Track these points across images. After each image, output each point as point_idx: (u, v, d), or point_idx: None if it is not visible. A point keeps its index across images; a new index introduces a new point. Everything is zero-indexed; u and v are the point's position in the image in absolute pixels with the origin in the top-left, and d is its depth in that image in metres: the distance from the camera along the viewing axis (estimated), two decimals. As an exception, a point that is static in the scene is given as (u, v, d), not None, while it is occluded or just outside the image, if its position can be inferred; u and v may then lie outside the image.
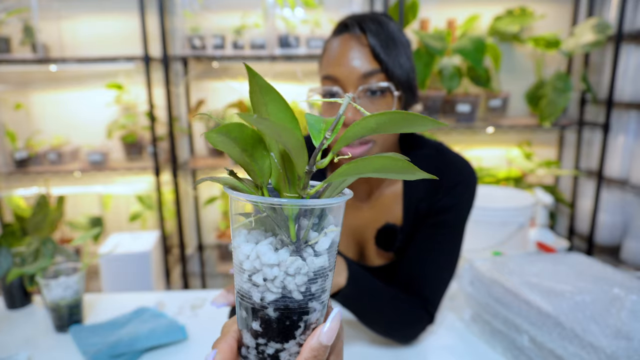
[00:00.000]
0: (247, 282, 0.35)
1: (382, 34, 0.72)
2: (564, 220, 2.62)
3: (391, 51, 0.72)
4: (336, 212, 0.37)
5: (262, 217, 0.36)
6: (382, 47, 0.71)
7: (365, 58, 0.72)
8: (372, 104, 0.73)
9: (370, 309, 0.75)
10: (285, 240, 0.35)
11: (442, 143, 0.88)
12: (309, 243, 0.35)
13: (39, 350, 0.84)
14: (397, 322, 0.79)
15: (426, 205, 0.83)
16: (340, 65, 0.72)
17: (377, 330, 0.80)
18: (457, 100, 2.19)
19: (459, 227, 0.83)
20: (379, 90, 0.72)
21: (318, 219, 0.36)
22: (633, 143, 2.24)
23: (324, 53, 0.77)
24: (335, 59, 0.73)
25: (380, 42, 0.71)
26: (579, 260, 0.92)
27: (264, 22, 2.15)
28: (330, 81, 0.73)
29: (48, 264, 0.91)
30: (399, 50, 0.73)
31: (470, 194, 0.83)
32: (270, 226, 0.36)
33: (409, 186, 0.85)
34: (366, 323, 0.79)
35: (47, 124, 2.36)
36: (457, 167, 0.84)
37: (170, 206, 2.38)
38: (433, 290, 0.82)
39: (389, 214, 0.87)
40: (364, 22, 0.73)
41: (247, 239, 0.36)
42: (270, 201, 0.34)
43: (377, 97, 0.73)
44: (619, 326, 0.68)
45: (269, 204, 0.34)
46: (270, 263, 0.34)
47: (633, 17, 2.12)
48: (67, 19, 2.26)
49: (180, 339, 0.87)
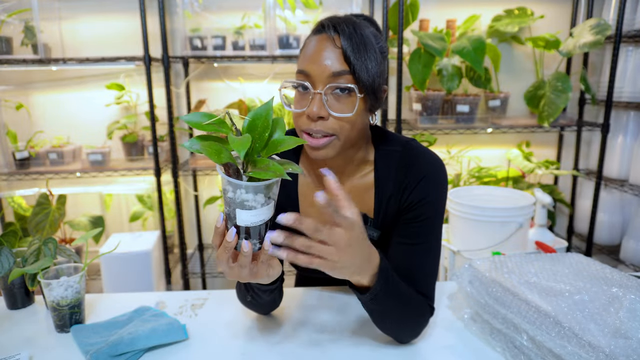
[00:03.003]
0: (226, 207, 0.65)
1: (354, 38, 0.76)
2: (563, 220, 2.63)
3: (361, 55, 0.76)
4: (249, 189, 0.62)
5: (231, 181, 0.62)
6: (353, 50, 0.76)
7: (336, 59, 0.76)
8: (337, 102, 0.78)
9: (394, 308, 0.77)
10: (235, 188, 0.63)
11: (413, 139, 0.92)
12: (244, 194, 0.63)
13: (40, 350, 0.85)
14: (412, 321, 0.81)
15: (395, 201, 0.88)
16: (313, 62, 0.77)
17: (391, 328, 0.82)
18: (456, 101, 2.19)
19: (435, 219, 0.86)
20: (344, 89, 0.77)
21: (257, 189, 0.62)
22: (632, 143, 2.24)
23: (302, 49, 0.82)
24: (310, 56, 0.78)
25: (351, 46, 0.76)
26: (578, 259, 0.93)
27: (264, 22, 2.16)
28: (303, 76, 0.79)
29: (49, 264, 0.91)
30: (368, 55, 0.77)
31: (436, 187, 0.86)
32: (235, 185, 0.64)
33: (379, 180, 0.90)
34: (383, 322, 0.81)
35: (48, 124, 2.36)
36: (422, 163, 0.87)
37: (170, 206, 2.38)
38: (426, 284, 0.85)
39: (361, 205, 0.91)
40: (340, 25, 0.77)
41: (227, 190, 0.63)
42: (226, 178, 0.62)
43: (343, 96, 0.78)
44: (617, 325, 0.69)
45: (227, 180, 0.62)
46: (230, 196, 0.64)
47: (632, 18, 2.12)
48: (68, 20, 2.26)
49: (181, 339, 0.87)
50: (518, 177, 2.37)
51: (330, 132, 0.78)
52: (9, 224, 2.28)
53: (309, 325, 0.93)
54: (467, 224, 1.68)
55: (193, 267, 2.45)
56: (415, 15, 2.17)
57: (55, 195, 2.10)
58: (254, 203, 0.63)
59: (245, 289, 0.85)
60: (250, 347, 0.85)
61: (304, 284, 1.17)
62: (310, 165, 0.94)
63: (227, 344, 0.87)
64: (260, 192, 0.62)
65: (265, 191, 0.63)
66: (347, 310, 0.98)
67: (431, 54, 2.03)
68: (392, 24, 2.11)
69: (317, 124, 0.77)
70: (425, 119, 2.19)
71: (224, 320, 0.95)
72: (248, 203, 0.62)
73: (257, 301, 0.86)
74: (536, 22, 2.30)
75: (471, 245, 1.69)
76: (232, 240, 0.65)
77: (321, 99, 0.76)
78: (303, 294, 1.06)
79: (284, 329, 0.92)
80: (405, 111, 2.39)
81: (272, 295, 0.85)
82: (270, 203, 0.65)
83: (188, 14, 2.19)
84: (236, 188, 0.62)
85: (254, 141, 0.64)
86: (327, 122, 0.77)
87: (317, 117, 0.77)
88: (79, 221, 2.22)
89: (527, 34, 2.32)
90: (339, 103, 0.78)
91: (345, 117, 0.77)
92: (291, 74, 2.37)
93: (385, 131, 0.94)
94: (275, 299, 0.89)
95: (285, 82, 0.83)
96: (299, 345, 0.86)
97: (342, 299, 1.03)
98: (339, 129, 0.78)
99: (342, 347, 0.85)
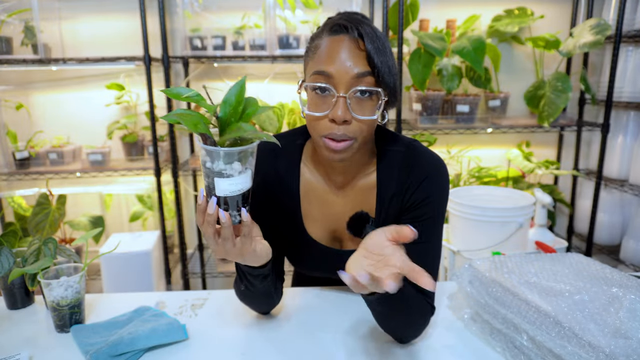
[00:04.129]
0: (206, 179, 0.69)
1: (376, 40, 0.76)
2: (563, 220, 2.63)
3: (383, 57, 0.76)
4: (226, 157, 0.66)
5: (207, 149, 0.67)
6: (376, 52, 0.75)
7: (360, 60, 0.76)
8: (360, 105, 0.77)
9: (398, 309, 0.77)
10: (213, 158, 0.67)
11: (415, 140, 0.92)
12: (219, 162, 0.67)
13: (40, 350, 0.85)
14: (415, 321, 0.81)
15: (398, 201, 0.89)
16: (335, 63, 0.76)
17: (395, 328, 0.82)
18: (456, 101, 2.19)
19: (437, 219, 0.87)
20: (369, 92, 0.77)
21: (230, 156, 0.67)
22: (632, 143, 2.24)
23: (317, 50, 0.79)
24: (331, 57, 0.76)
25: (374, 47, 0.76)
26: (578, 259, 0.93)
27: (264, 22, 2.16)
28: (323, 77, 0.77)
29: (49, 264, 0.91)
30: (388, 56, 0.77)
31: (438, 187, 0.87)
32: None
33: (382, 179, 0.90)
34: (387, 322, 0.80)
35: (48, 124, 2.36)
36: (424, 163, 0.88)
37: (170, 206, 2.38)
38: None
39: (363, 204, 0.92)
40: (361, 26, 0.77)
41: (206, 161, 0.67)
42: (204, 147, 0.67)
43: (365, 99, 0.77)
44: (617, 325, 0.69)
45: (205, 149, 0.67)
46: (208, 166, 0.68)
47: (632, 18, 2.12)
48: (68, 20, 2.26)
49: (181, 339, 0.87)
50: (518, 177, 2.37)
51: (352, 135, 0.77)
52: (9, 224, 2.28)
53: (309, 324, 0.93)
54: (467, 224, 1.68)
55: (193, 267, 2.45)
56: (415, 15, 2.17)
57: (55, 195, 2.10)
58: (232, 171, 0.67)
59: (238, 277, 0.86)
60: (250, 347, 0.85)
61: (300, 284, 1.17)
62: (313, 164, 0.94)
63: (227, 344, 0.87)
64: (235, 159, 0.67)
65: (241, 159, 0.67)
66: (347, 310, 0.98)
67: (431, 54, 2.03)
68: (392, 24, 2.11)
69: (340, 128, 0.77)
70: (425, 119, 2.19)
71: (224, 320, 0.95)
72: (225, 171, 0.67)
73: (251, 291, 0.86)
74: (536, 22, 2.30)
75: (471, 245, 1.69)
76: (213, 211, 0.67)
77: (345, 102, 0.76)
78: (303, 293, 1.06)
79: (284, 328, 0.92)
80: (405, 111, 2.39)
81: (264, 282, 0.84)
82: (248, 172, 0.69)
83: (188, 14, 2.19)
84: (214, 158, 0.66)
85: (229, 114, 0.69)
86: (349, 126, 0.77)
87: (342, 121, 0.76)
88: (79, 221, 2.22)
89: (527, 34, 2.32)
90: (361, 106, 0.77)
91: (368, 119, 0.77)
92: (291, 73, 2.37)
93: (388, 131, 0.94)
94: (270, 291, 0.88)
95: (306, 83, 0.80)
96: (299, 345, 0.86)
97: (341, 298, 1.03)
98: (359, 132, 0.78)
99: (342, 346, 0.85)
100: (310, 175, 0.95)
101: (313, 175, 0.95)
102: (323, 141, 0.79)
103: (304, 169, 0.95)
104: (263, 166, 0.93)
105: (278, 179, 0.94)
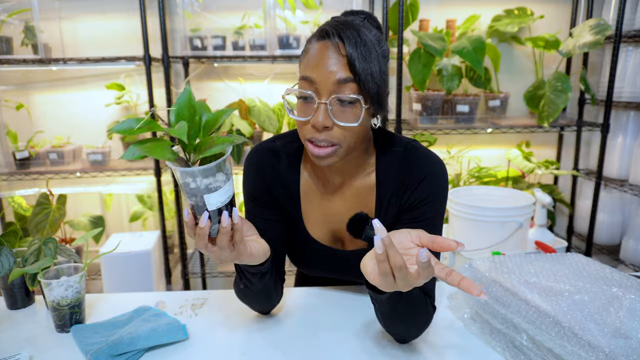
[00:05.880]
0: (192, 199, 0.67)
1: (359, 45, 0.75)
2: (563, 220, 2.63)
3: (366, 62, 0.75)
4: (209, 172, 0.64)
5: (187, 171, 0.64)
6: (358, 57, 0.75)
7: (341, 67, 0.75)
8: (342, 111, 0.77)
9: (404, 308, 0.77)
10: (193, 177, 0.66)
11: (414, 140, 0.92)
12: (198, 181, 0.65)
13: (40, 350, 0.85)
14: (418, 321, 0.81)
15: (397, 201, 0.89)
16: (317, 68, 0.76)
17: (399, 328, 0.82)
18: (456, 101, 2.19)
19: (436, 219, 0.88)
20: (349, 101, 0.76)
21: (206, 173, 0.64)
22: (632, 143, 2.24)
23: (306, 54, 0.80)
24: (314, 63, 0.77)
25: (356, 53, 0.75)
26: (578, 259, 0.93)
27: (264, 22, 2.16)
28: (307, 82, 0.78)
29: (49, 264, 0.92)
30: (372, 62, 0.76)
31: (437, 187, 0.87)
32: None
33: (381, 180, 0.90)
34: (392, 322, 0.80)
35: (48, 124, 2.36)
36: (423, 164, 0.88)
37: (170, 206, 2.38)
38: (428, 282, 0.84)
39: (362, 204, 0.92)
40: (344, 31, 0.76)
41: (188, 183, 0.65)
42: (182, 170, 0.64)
43: (347, 106, 0.77)
44: (617, 325, 0.69)
45: (184, 172, 0.64)
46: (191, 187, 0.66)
47: (632, 18, 2.12)
48: (68, 20, 2.26)
49: (181, 339, 0.87)
50: (518, 177, 2.37)
51: (335, 141, 0.78)
52: (9, 224, 2.28)
53: (309, 324, 0.93)
54: (467, 224, 1.68)
55: (193, 267, 2.45)
56: (415, 15, 2.17)
57: (55, 195, 2.10)
58: (218, 183, 0.66)
59: (238, 275, 0.86)
60: (250, 347, 0.85)
61: (303, 284, 1.17)
62: (312, 165, 0.94)
63: (227, 344, 0.87)
64: (217, 171, 0.65)
65: (221, 167, 0.66)
66: (347, 310, 0.98)
67: (431, 54, 2.03)
68: (392, 24, 2.11)
69: (321, 134, 0.77)
70: (425, 119, 2.19)
71: (224, 320, 0.95)
72: (212, 185, 0.65)
73: (250, 289, 0.86)
74: (536, 22, 2.30)
75: (471, 245, 1.69)
76: (204, 225, 0.67)
77: (326, 109, 0.76)
78: (303, 293, 1.07)
79: (284, 328, 0.92)
80: (405, 111, 2.39)
81: (263, 280, 0.84)
82: (230, 178, 0.69)
83: (188, 14, 2.19)
84: (195, 177, 0.64)
85: (189, 127, 0.65)
86: (331, 132, 0.77)
87: (323, 127, 0.76)
88: (79, 221, 2.22)
89: (527, 34, 2.32)
90: (343, 113, 0.77)
91: (350, 126, 0.77)
92: (291, 74, 2.37)
93: (387, 132, 0.94)
94: (269, 289, 0.88)
95: (289, 89, 0.81)
96: (299, 345, 0.86)
97: (342, 298, 1.03)
98: (342, 138, 0.78)
99: (342, 346, 0.85)
100: (310, 176, 0.95)
101: (312, 176, 0.95)
102: (308, 145, 0.80)
103: (304, 170, 0.95)
104: (264, 168, 0.94)
105: (279, 179, 0.94)
